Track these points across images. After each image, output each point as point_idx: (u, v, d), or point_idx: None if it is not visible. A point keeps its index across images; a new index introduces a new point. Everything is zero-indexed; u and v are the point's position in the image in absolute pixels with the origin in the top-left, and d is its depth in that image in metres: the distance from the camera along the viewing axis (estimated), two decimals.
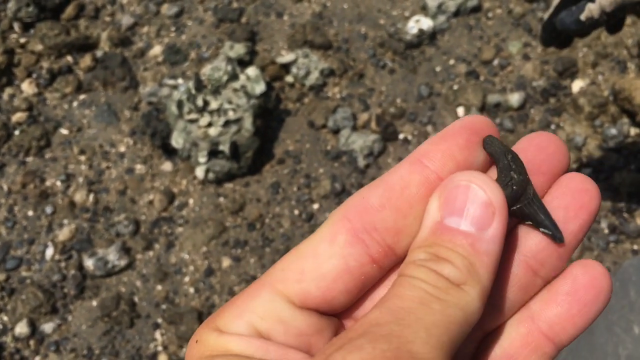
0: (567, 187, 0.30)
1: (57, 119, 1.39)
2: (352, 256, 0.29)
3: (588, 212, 0.30)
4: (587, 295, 0.29)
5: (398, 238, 0.29)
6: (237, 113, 1.28)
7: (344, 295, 0.29)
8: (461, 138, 0.29)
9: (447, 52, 1.43)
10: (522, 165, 0.30)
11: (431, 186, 0.29)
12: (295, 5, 1.53)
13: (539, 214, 0.29)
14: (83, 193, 1.30)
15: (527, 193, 0.29)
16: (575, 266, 0.30)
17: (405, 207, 0.29)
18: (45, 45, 1.46)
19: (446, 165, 0.29)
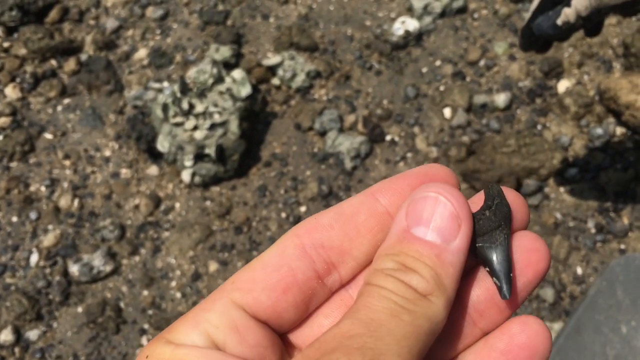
0: (518, 245, 0.30)
1: (42, 124, 1.38)
2: (299, 269, 0.30)
3: (534, 271, 0.30)
4: (522, 355, 0.29)
5: (342, 258, 0.30)
6: (222, 116, 1.27)
7: (293, 309, 0.30)
8: (415, 180, 0.30)
9: (434, 53, 1.43)
10: (503, 212, 0.30)
11: (379, 218, 0.30)
12: (281, 7, 1.52)
13: (496, 262, 0.29)
14: (68, 198, 1.29)
15: (493, 236, 0.30)
16: (514, 322, 0.30)
17: (353, 231, 0.30)
18: (29, 49, 1.44)
19: (396, 202, 0.30)
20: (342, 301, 0.31)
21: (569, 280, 1.17)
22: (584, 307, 1.04)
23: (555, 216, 1.22)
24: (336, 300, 0.31)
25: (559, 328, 1.11)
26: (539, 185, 1.23)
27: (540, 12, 0.75)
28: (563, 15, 0.71)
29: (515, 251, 0.30)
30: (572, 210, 1.22)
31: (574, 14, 0.71)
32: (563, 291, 1.16)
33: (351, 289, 0.31)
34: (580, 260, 1.18)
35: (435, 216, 0.28)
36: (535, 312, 1.14)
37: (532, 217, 1.22)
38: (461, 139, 1.31)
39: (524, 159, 1.23)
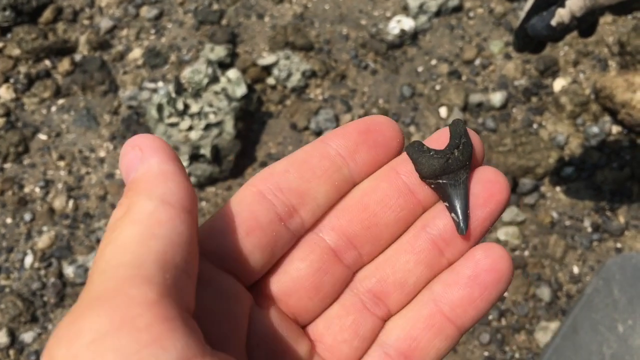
0: (479, 178, 0.32)
1: (36, 125, 1.37)
2: (260, 212, 0.30)
3: (497, 201, 0.32)
4: (489, 278, 0.31)
5: (302, 200, 0.31)
6: (218, 116, 1.27)
7: (258, 251, 0.30)
8: (360, 125, 0.32)
9: (429, 52, 1.42)
10: (469, 152, 0.32)
11: (332, 159, 0.31)
12: (276, 6, 1.52)
13: (457, 199, 0.31)
14: (62, 199, 1.28)
15: (458, 175, 0.32)
16: (478, 249, 0.31)
17: (308, 172, 0.31)
18: (22, 50, 1.43)
19: (345, 144, 0.31)
20: (315, 244, 0.31)
21: (565, 279, 1.17)
22: (580, 306, 1.04)
23: (552, 215, 1.22)
24: (309, 243, 0.32)
25: (555, 327, 1.11)
26: (535, 184, 1.23)
27: (534, 13, 0.75)
28: (557, 16, 0.71)
29: (478, 183, 0.32)
30: (568, 209, 1.22)
31: (569, 14, 0.71)
32: (559, 290, 1.16)
33: (322, 232, 0.32)
34: (577, 259, 1.18)
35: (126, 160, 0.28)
36: (531, 311, 1.14)
37: (528, 216, 1.22)
38: None
39: (520, 158, 1.23)
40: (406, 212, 0.32)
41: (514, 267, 1.13)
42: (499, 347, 1.11)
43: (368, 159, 0.32)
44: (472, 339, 1.12)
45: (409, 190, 0.32)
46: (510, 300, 1.15)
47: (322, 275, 0.31)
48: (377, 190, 0.32)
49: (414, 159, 0.32)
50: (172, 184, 0.26)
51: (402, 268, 0.32)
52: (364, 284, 0.32)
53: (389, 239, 0.32)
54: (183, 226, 0.25)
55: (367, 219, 0.32)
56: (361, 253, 0.32)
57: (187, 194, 0.26)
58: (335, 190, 0.32)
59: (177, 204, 0.26)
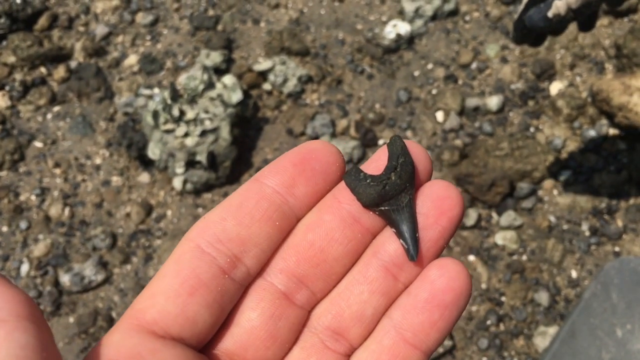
0: (428, 194, 0.30)
1: (31, 132, 1.37)
2: (201, 269, 0.28)
3: (448, 218, 0.30)
4: (447, 298, 0.29)
5: (244, 248, 0.29)
6: (214, 122, 1.26)
7: (205, 311, 0.28)
8: (295, 157, 0.30)
9: (425, 56, 1.42)
10: (408, 172, 0.30)
11: (270, 200, 0.30)
12: (271, 11, 1.51)
13: (403, 224, 0.30)
14: (58, 207, 1.27)
15: (399, 199, 0.30)
16: (432, 268, 0.30)
17: (247, 218, 0.29)
18: (17, 57, 1.43)
19: (282, 181, 0.30)
20: (265, 290, 0.30)
21: (563, 283, 1.16)
22: (578, 311, 1.03)
23: (549, 219, 1.21)
24: (259, 290, 0.30)
25: (554, 332, 1.11)
26: (532, 188, 1.23)
27: (532, 4, 0.75)
28: (554, 7, 0.71)
29: (426, 201, 0.30)
30: (566, 213, 1.22)
31: (565, 6, 0.70)
32: (558, 295, 1.15)
33: (270, 276, 0.30)
34: (575, 264, 1.18)
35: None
36: (530, 316, 1.13)
37: (525, 220, 1.22)
38: (454, 142, 1.30)
39: (517, 162, 1.23)
40: (355, 243, 0.31)
41: (512, 271, 1.13)
42: (497, 353, 1.11)
43: (307, 191, 0.30)
44: (470, 344, 1.12)
45: (354, 219, 0.30)
46: (508, 305, 1.15)
47: (276, 321, 0.30)
48: (321, 224, 0.30)
49: (351, 188, 0.30)
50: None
51: (357, 300, 0.30)
52: (321, 321, 0.31)
53: (340, 272, 0.31)
54: (26, 335, 0.23)
55: (314, 256, 0.30)
56: (314, 291, 0.31)
57: (18, 300, 0.24)
58: (278, 231, 0.30)
59: (9, 316, 0.23)
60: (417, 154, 0.31)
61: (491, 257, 1.19)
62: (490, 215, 1.23)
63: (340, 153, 0.31)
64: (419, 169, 0.31)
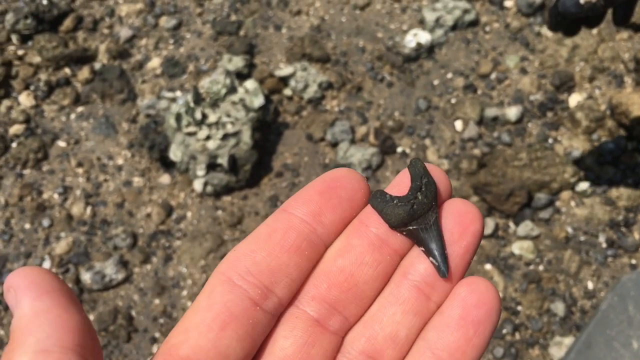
0: (450, 211, 0.31)
1: (55, 132, 1.39)
2: (232, 302, 0.29)
3: (472, 233, 0.31)
4: (480, 314, 0.30)
5: (275, 278, 0.30)
6: (235, 126, 1.28)
7: (237, 344, 0.29)
8: (320, 185, 0.31)
9: (445, 65, 1.43)
10: (433, 192, 0.31)
11: (298, 230, 0.30)
12: (293, 18, 1.53)
13: (432, 242, 0.31)
14: (80, 206, 1.29)
15: (427, 217, 0.31)
16: (461, 287, 0.31)
17: (276, 249, 0.30)
18: (43, 57, 1.46)
19: (309, 210, 0.30)
20: (297, 318, 0.30)
21: (579, 294, 1.17)
22: (595, 322, 1.04)
23: (567, 230, 1.22)
24: (291, 319, 0.30)
25: (569, 342, 1.11)
26: (550, 199, 1.24)
27: None
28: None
29: (449, 218, 0.31)
30: (583, 224, 1.23)
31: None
32: (574, 305, 1.16)
33: (301, 304, 0.31)
34: (591, 275, 1.18)
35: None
36: (545, 326, 1.14)
37: (543, 230, 1.22)
38: (472, 151, 1.31)
39: (535, 172, 1.24)
40: (384, 265, 0.31)
41: (529, 281, 1.14)
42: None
43: (335, 219, 0.31)
44: (486, 353, 1.13)
45: (382, 242, 0.31)
46: (524, 314, 1.15)
47: (309, 348, 0.30)
48: (349, 249, 0.31)
49: (379, 210, 0.31)
50: (47, 325, 0.24)
51: (390, 321, 0.31)
52: (355, 346, 0.31)
53: (371, 295, 0.31)
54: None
55: (345, 281, 0.31)
56: (346, 316, 0.31)
57: (69, 329, 0.24)
58: (307, 260, 0.30)
59: (55, 347, 0.23)
60: (436, 175, 0.32)
61: (508, 266, 1.19)
62: (507, 225, 1.23)
63: (364, 179, 0.32)
64: (440, 189, 0.32)
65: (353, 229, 0.31)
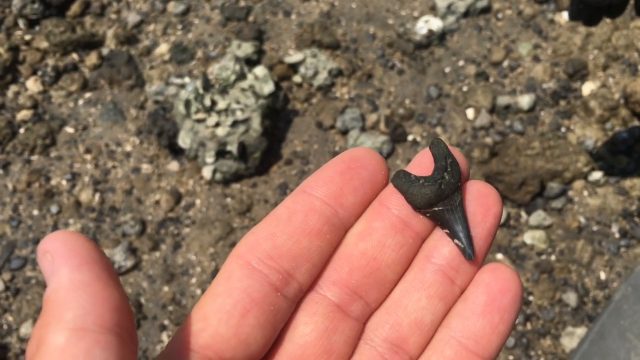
0: (471, 194, 0.31)
1: (63, 117, 1.38)
2: (253, 287, 0.28)
3: (494, 215, 0.30)
4: (505, 300, 0.29)
5: (296, 263, 0.29)
6: (245, 113, 1.27)
7: (258, 331, 0.28)
8: (340, 165, 0.30)
9: (457, 53, 1.42)
10: (458, 172, 0.30)
11: (319, 212, 0.29)
12: (302, 4, 1.51)
13: (457, 224, 0.30)
14: (89, 192, 1.29)
15: (453, 198, 0.30)
16: (484, 273, 0.30)
17: (297, 232, 0.29)
18: (50, 43, 1.44)
19: (329, 191, 0.29)
20: (317, 303, 0.29)
21: (592, 285, 1.16)
22: (608, 313, 1.03)
23: (579, 220, 1.21)
24: (311, 304, 0.30)
25: (581, 333, 1.10)
26: (562, 189, 1.22)
27: None
28: None
29: (471, 200, 0.30)
30: (596, 214, 1.21)
31: None
32: (586, 296, 1.15)
33: (322, 289, 0.30)
34: (604, 265, 1.17)
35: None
36: (557, 316, 1.13)
37: (555, 220, 1.21)
38: (484, 140, 1.30)
39: (548, 161, 1.22)
40: (406, 248, 0.30)
41: (540, 271, 1.13)
42: (524, 352, 1.11)
43: (356, 200, 0.30)
44: None
45: (405, 224, 0.30)
46: (536, 304, 1.14)
47: (330, 335, 0.29)
48: (371, 232, 0.30)
49: (403, 190, 0.30)
50: (86, 300, 0.22)
51: (415, 307, 0.30)
52: (378, 333, 0.30)
53: (393, 280, 0.30)
54: (107, 353, 0.22)
55: (367, 265, 0.30)
56: (368, 301, 0.30)
57: (109, 306, 0.23)
58: (329, 244, 0.29)
59: (93, 325, 0.22)
60: (457, 156, 0.31)
61: (519, 256, 1.18)
62: (519, 214, 1.22)
63: (384, 160, 0.31)
64: (462, 171, 0.31)
65: (374, 210, 0.30)
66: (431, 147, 0.31)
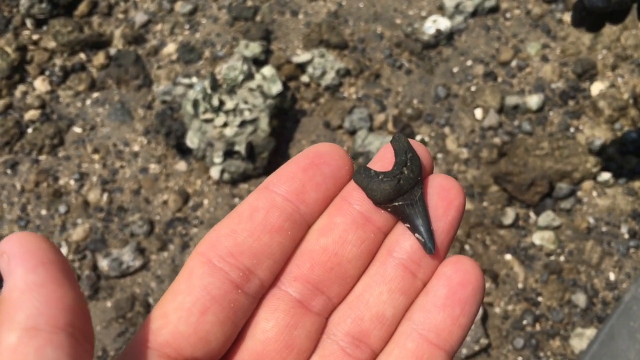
0: (433, 188, 0.31)
1: (71, 117, 1.38)
2: (213, 285, 0.28)
3: (456, 208, 0.30)
4: (466, 292, 0.29)
5: (257, 260, 0.29)
6: (253, 113, 1.27)
7: (218, 328, 0.28)
8: (304, 161, 0.30)
9: (465, 52, 1.41)
10: (418, 166, 0.31)
11: (280, 209, 0.29)
12: (310, 3, 1.51)
13: (418, 218, 0.30)
14: (97, 192, 1.29)
15: (413, 193, 0.30)
16: (446, 266, 0.30)
17: (258, 229, 0.29)
18: (58, 42, 1.44)
19: (292, 188, 0.29)
20: (279, 299, 0.30)
21: (601, 285, 1.15)
22: (618, 314, 1.03)
23: (588, 221, 1.20)
24: (273, 300, 0.30)
25: (591, 334, 1.10)
26: (571, 189, 1.22)
27: None
28: None
29: (433, 194, 0.31)
30: (605, 215, 1.21)
31: None
32: (595, 297, 1.15)
33: (284, 285, 0.30)
34: (613, 266, 1.17)
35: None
36: (566, 317, 1.13)
37: (564, 221, 1.21)
38: (492, 140, 1.30)
39: (557, 162, 1.22)
40: (368, 243, 0.30)
41: (549, 272, 1.13)
42: (533, 353, 1.10)
43: (318, 197, 0.30)
44: (506, 343, 1.12)
45: (366, 219, 0.30)
46: (545, 305, 1.14)
47: (292, 330, 0.29)
48: (332, 227, 0.30)
49: (363, 186, 0.30)
50: (39, 300, 0.22)
51: (376, 301, 0.30)
52: (340, 327, 0.30)
53: (355, 275, 0.30)
54: (58, 352, 0.22)
55: (328, 261, 0.30)
56: (330, 296, 0.30)
57: (62, 306, 0.23)
58: (290, 240, 0.29)
59: (45, 325, 0.22)
60: (419, 151, 0.31)
61: (528, 256, 1.18)
62: (528, 215, 1.22)
63: (348, 155, 0.31)
64: (422, 165, 0.31)
65: (336, 206, 0.30)
66: (392, 142, 0.31)
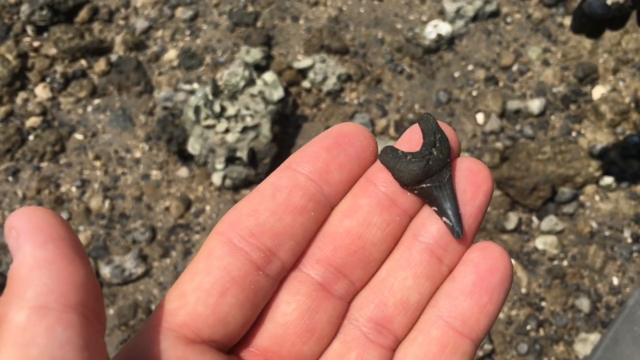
0: (461, 171, 0.30)
1: (72, 124, 1.38)
2: (233, 265, 0.27)
3: (484, 192, 0.29)
4: (494, 280, 0.28)
5: (279, 241, 0.28)
6: (254, 119, 1.27)
7: (237, 310, 0.27)
8: (327, 141, 0.29)
9: (466, 57, 1.41)
10: (447, 148, 0.30)
11: (303, 189, 0.28)
12: (311, 9, 1.51)
13: (446, 201, 0.29)
14: (99, 199, 1.28)
15: (441, 175, 0.29)
16: (474, 252, 0.29)
17: (280, 209, 0.28)
18: (59, 49, 1.44)
19: (315, 167, 0.28)
20: (300, 282, 0.29)
21: (604, 290, 1.15)
22: (622, 318, 1.02)
23: (591, 225, 1.20)
24: (294, 283, 0.29)
25: (595, 339, 1.10)
26: (574, 194, 1.22)
27: None
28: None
29: (461, 177, 0.30)
30: (607, 219, 1.21)
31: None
32: (599, 301, 1.14)
33: (305, 267, 0.29)
34: (617, 271, 1.17)
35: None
36: (570, 322, 1.13)
37: (567, 225, 1.21)
38: (494, 145, 1.30)
39: (559, 166, 1.22)
40: (393, 226, 0.29)
41: (553, 276, 1.12)
42: (537, 358, 1.10)
43: (342, 177, 0.29)
44: (510, 349, 1.11)
45: (391, 202, 0.29)
46: (548, 310, 1.14)
47: (313, 314, 0.28)
48: (357, 209, 0.29)
49: (390, 167, 0.29)
50: (49, 278, 0.21)
51: (401, 286, 0.29)
52: (362, 312, 0.29)
53: (379, 259, 0.29)
54: (69, 332, 0.21)
55: (352, 243, 0.29)
56: (352, 280, 0.29)
57: (73, 284, 0.22)
58: (313, 221, 0.29)
59: (55, 304, 0.21)
60: (447, 132, 0.30)
61: (531, 261, 1.18)
62: (530, 220, 1.22)
63: (373, 136, 0.30)
64: (452, 147, 0.30)
65: (360, 187, 0.29)
66: (420, 123, 0.30)
